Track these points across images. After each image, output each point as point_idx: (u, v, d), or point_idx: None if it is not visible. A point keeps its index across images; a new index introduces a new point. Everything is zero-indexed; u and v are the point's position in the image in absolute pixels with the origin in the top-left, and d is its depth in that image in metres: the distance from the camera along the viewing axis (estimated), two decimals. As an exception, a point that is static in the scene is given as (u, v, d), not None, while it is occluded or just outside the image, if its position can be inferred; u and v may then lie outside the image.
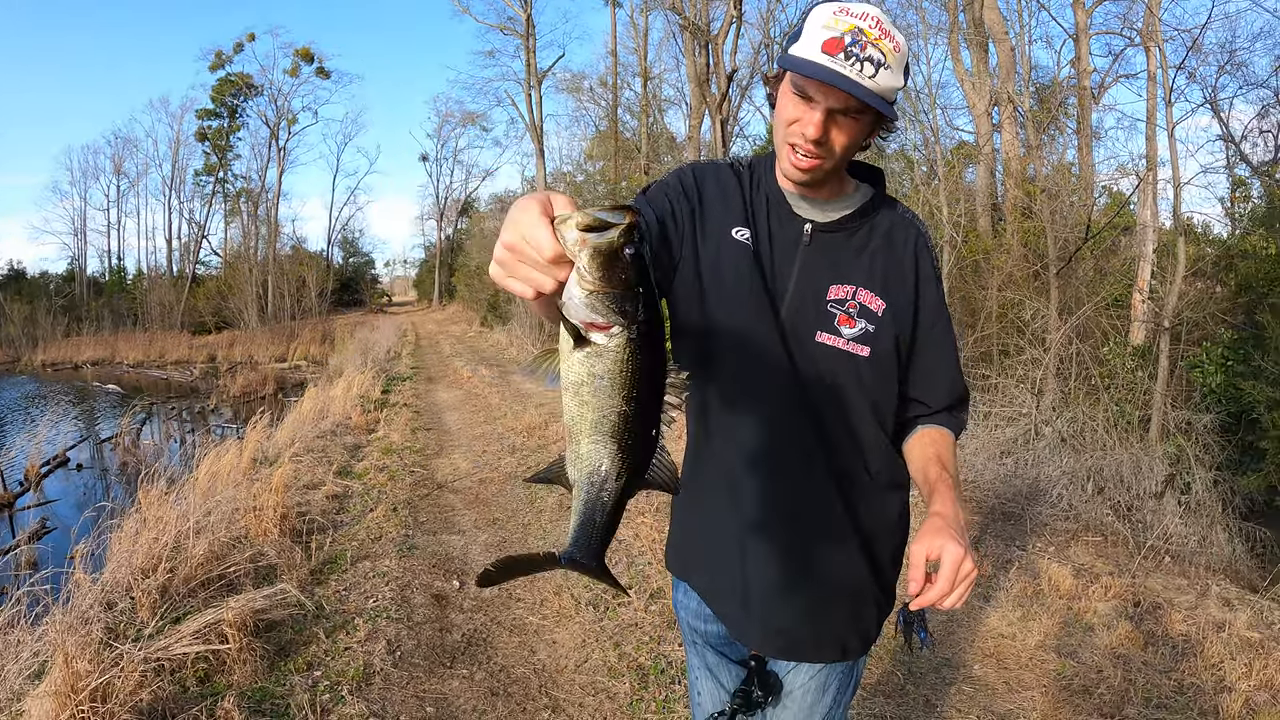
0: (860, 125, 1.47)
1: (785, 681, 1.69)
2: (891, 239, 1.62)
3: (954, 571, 1.28)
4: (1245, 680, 3.79)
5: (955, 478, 1.52)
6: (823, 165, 1.50)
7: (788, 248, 1.59)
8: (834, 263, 1.58)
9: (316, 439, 8.87)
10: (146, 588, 4.11)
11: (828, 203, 1.62)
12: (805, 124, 1.46)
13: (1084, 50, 14.37)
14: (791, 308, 1.56)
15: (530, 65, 27.81)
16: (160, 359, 34.32)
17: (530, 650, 4.11)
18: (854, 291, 1.56)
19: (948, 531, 1.32)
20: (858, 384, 1.56)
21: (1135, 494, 6.78)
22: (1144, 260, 10.40)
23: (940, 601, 1.29)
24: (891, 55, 1.41)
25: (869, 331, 1.55)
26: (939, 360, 1.64)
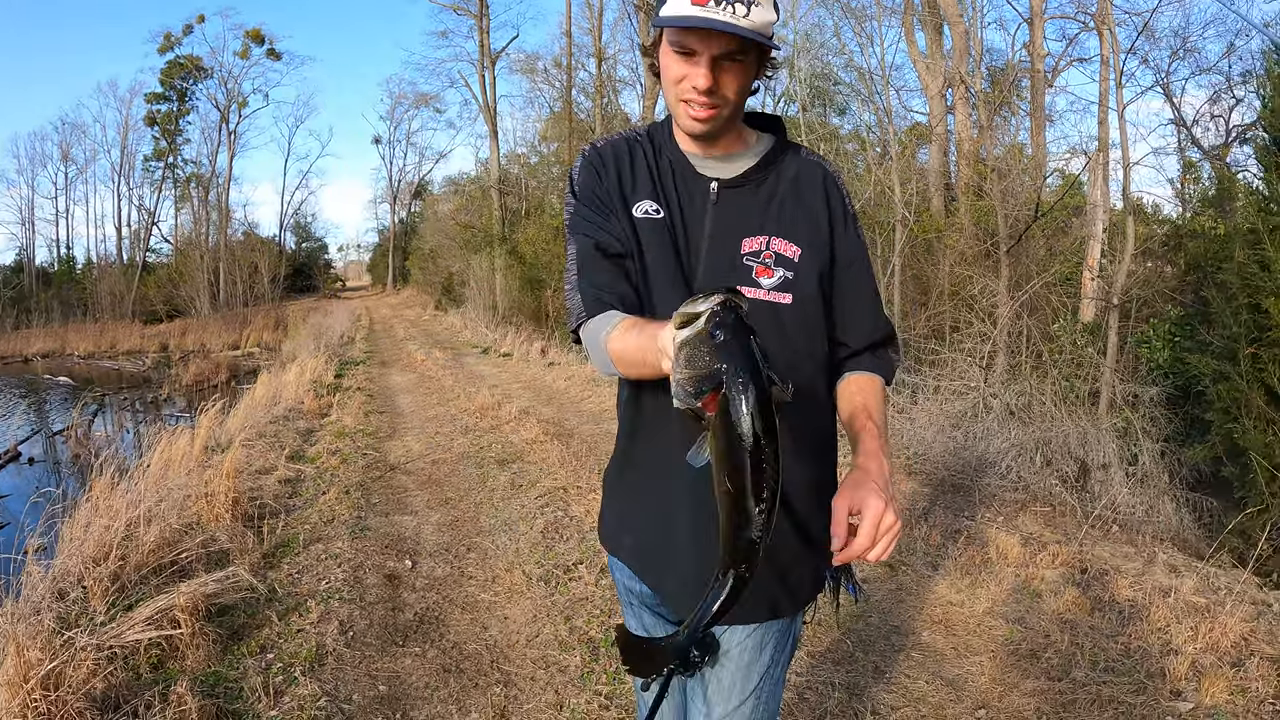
0: (746, 67, 1.46)
1: (722, 641, 1.65)
2: (799, 183, 1.60)
3: (874, 526, 1.26)
4: (1191, 644, 3.85)
5: (881, 427, 1.50)
6: (720, 113, 1.49)
7: (697, 210, 1.58)
8: (744, 216, 1.57)
9: (269, 424, 8.77)
10: (98, 576, 4.05)
11: (730, 158, 1.61)
12: (694, 76, 1.45)
13: (1038, 34, 14.50)
14: (708, 268, 1.55)
15: (484, 46, 27.54)
16: (111, 349, 33.74)
17: (482, 627, 4.10)
18: (767, 241, 1.54)
19: (869, 484, 1.31)
20: (781, 334, 1.54)
21: (1083, 465, 6.88)
22: (1094, 239, 10.54)
23: (863, 556, 1.27)
24: None
25: (788, 279, 1.54)
26: (858, 299, 1.62)
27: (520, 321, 20.17)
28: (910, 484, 6.37)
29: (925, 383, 8.55)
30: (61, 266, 48.12)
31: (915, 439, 7.32)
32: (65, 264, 48.42)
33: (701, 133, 1.53)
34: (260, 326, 32.46)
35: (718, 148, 1.60)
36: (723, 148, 1.60)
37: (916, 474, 6.62)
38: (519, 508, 5.93)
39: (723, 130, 1.56)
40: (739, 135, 1.62)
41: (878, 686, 3.57)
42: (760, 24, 1.40)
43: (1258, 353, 6.83)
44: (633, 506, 1.72)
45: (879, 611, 4.22)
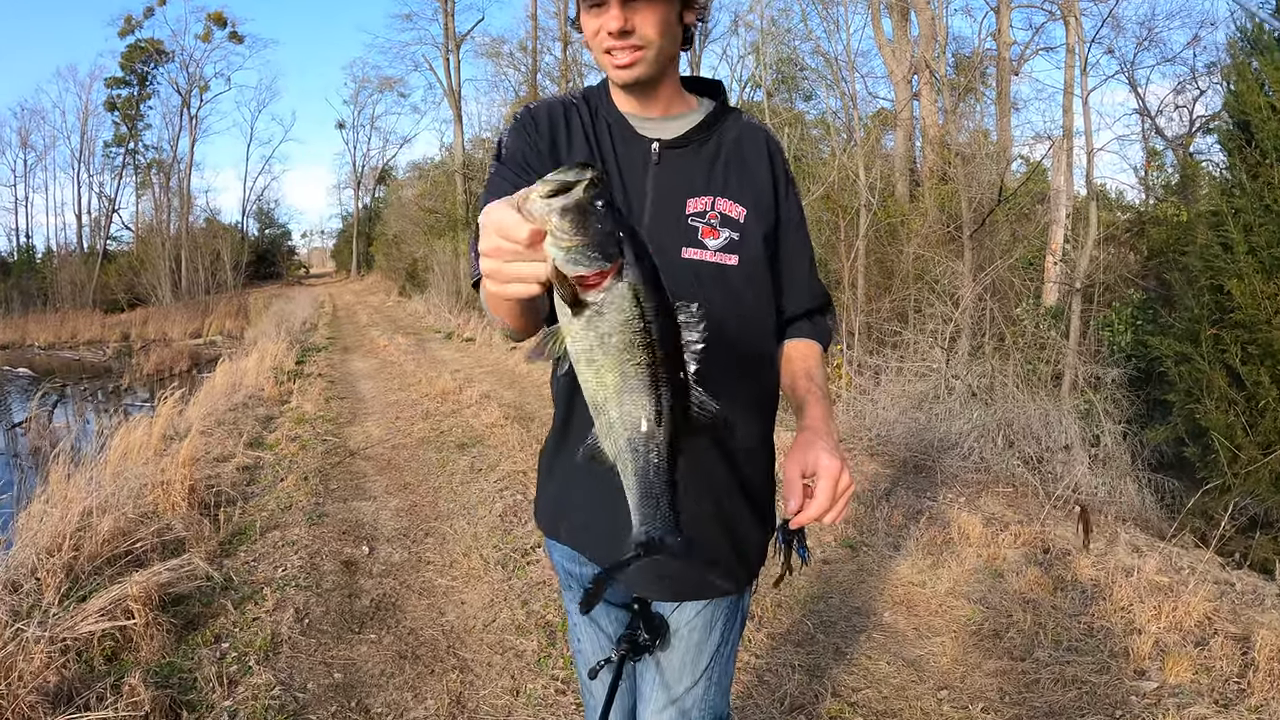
0: (660, 5, 1.40)
1: (670, 621, 1.61)
2: (741, 145, 1.56)
3: (832, 486, 1.24)
4: (1155, 623, 3.86)
5: (824, 390, 1.49)
6: (644, 55, 1.43)
7: (637, 170, 1.52)
8: (687, 177, 1.52)
9: (228, 412, 8.65)
10: (51, 567, 3.97)
11: (670, 119, 1.56)
12: (606, 20, 1.40)
13: (1005, 22, 14.59)
14: (651, 229, 1.48)
15: (449, 29, 27.38)
16: (72, 339, 33.28)
17: (439, 612, 4.05)
18: (712, 202, 1.50)
19: (820, 444, 1.28)
20: (729, 295, 1.49)
21: (1045, 446, 6.91)
22: (1056, 225, 10.59)
23: (821, 517, 1.24)
24: None
25: (734, 240, 1.49)
26: (798, 264, 1.60)
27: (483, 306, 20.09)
28: (872, 465, 6.37)
29: (888, 364, 8.57)
30: (21, 256, 47.32)
31: (878, 420, 7.33)
32: (25, 253, 47.62)
33: (630, 80, 1.47)
34: (222, 314, 32.14)
35: (657, 106, 1.55)
36: (662, 107, 1.55)
37: (879, 455, 6.62)
38: (478, 492, 5.88)
39: (658, 80, 1.51)
40: (679, 95, 1.58)
41: (839, 668, 3.55)
42: None
43: (1219, 334, 6.88)
44: (570, 485, 1.64)
45: (840, 592, 4.20)
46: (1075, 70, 11.15)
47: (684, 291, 1.43)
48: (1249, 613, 4.06)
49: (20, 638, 3.25)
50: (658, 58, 1.45)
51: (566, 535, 1.67)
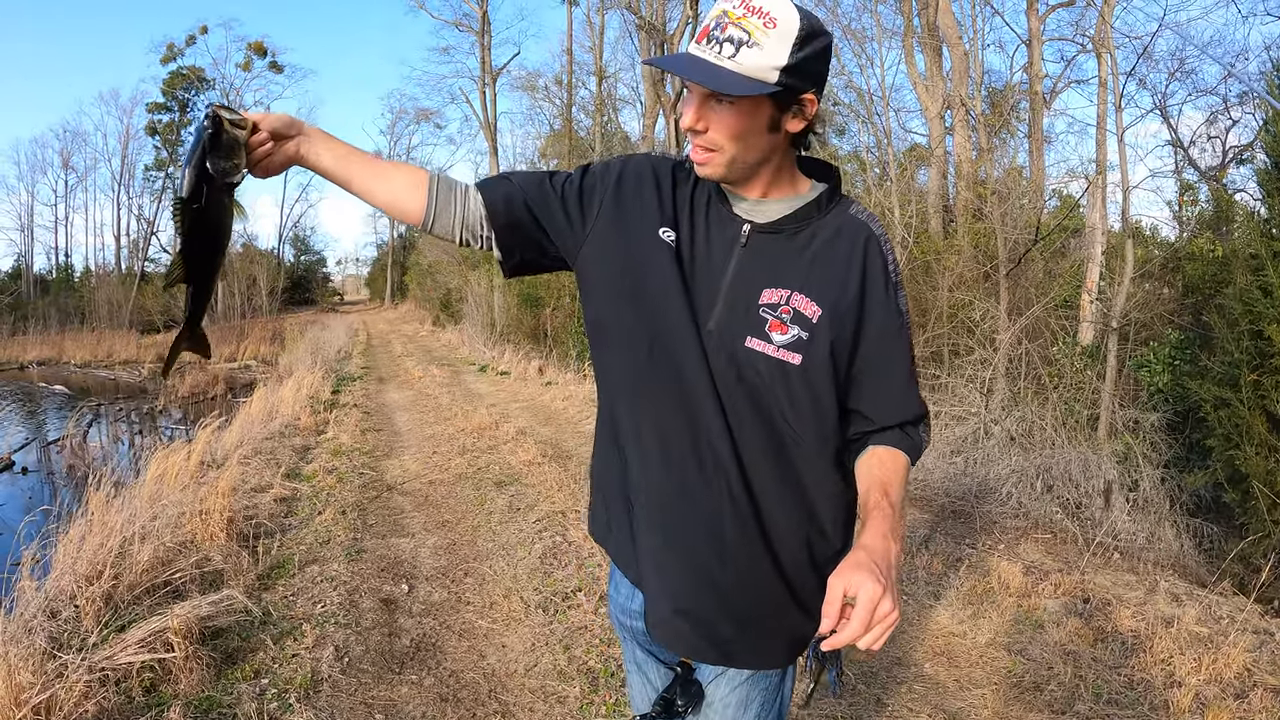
0: (741, 111, 1.38)
1: (707, 692, 1.61)
2: (836, 241, 1.49)
3: (869, 612, 1.17)
4: (1195, 675, 3.82)
5: (897, 507, 1.40)
6: (715, 158, 1.42)
7: (724, 249, 1.50)
8: (771, 265, 1.48)
9: (265, 440, 8.72)
10: (90, 595, 4.00)
11: (770, 202, 1.52)
12: (684, 113, 1.41)
13: (1036, 55, 14.55)
14: (722, 311, 1.47)
15: (485, 62, 27.69)
16: (108, 359, 33.71)
17: (480, 655, 4.05)
18: (788, 296, 1.45)
19: (869, 567, 1.22)
20: (788, 392, 1.46)
21: (1084, 491, 6.85)
22: (1092, 262, 10.54)
23: (854, 642, 1.19)
24: (759, 31, 1.31)
25: (802, 339, 1.44)
26: (889, 374, 1.52)
27: (518, 340, 20.11)
28: (911, 511, 6.33)
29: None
30: (60, 274, 48.19)
31: (916, 465, 7.29)
32: (63, 272, 48.48)
33: (703, 176, 1.47)
34: (257, 339, 32.39)
35: (753, 189, 1.51)
36: (760, 190, 1.51)
37: (917, 501, 6.59)
38: (517, 531, 5.88)
39: (740, 180, 1.49)
40: (782, 179, 1.52)
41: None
42: (750, 67, 1.32)
43: (1260, 379, 6.81)
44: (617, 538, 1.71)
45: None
46: (1109, 105, 11.12)
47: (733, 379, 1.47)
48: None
49: (61, 666, 3.29)
50: (732, 164, 1.43)
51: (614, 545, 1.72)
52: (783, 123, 1.42)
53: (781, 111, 1.41)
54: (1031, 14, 14.51)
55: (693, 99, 1.40)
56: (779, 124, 1.42)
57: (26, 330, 39.14)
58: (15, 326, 39.31)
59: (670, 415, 1.51)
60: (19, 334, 38.49)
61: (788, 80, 1.34)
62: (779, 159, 1.49)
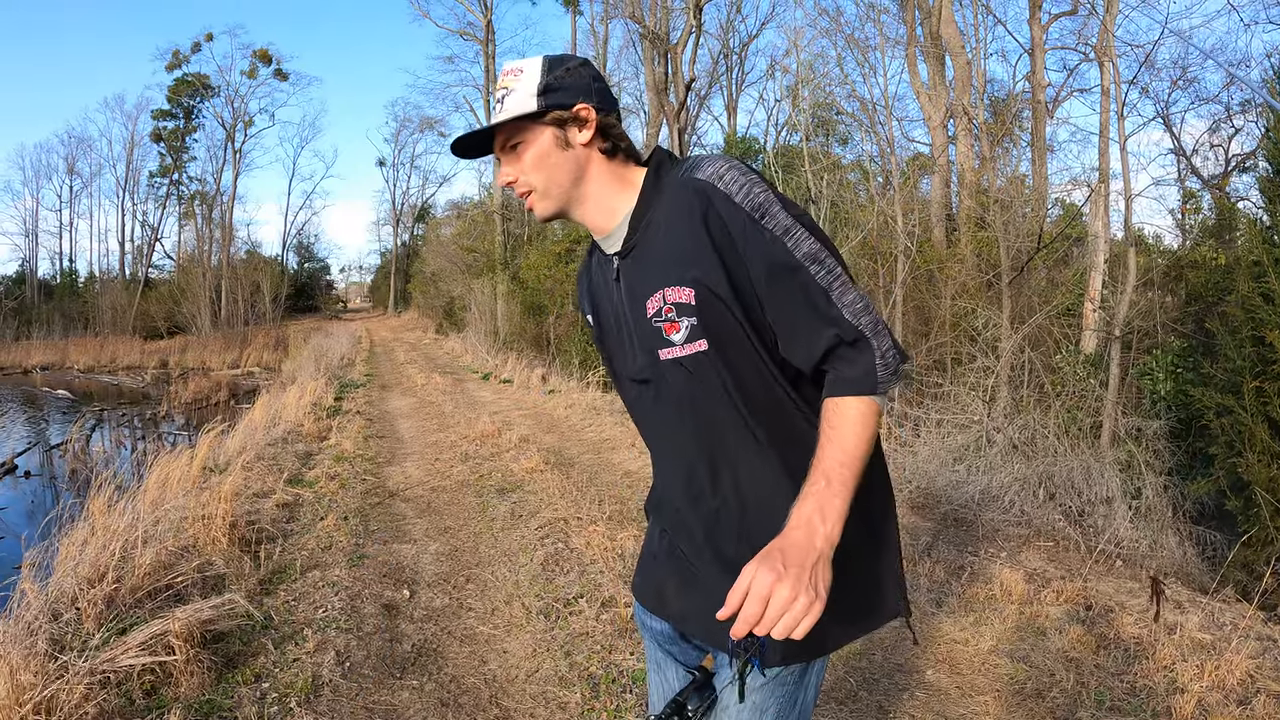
0: (528, 145, 1.54)
1: (723, 696, 1.61)
2: (671, 218, 1.48)
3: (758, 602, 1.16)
4: (1198, 681, 3.81)
5: (830, 474, 1.33)
6: (534, 196, 1.57)
7: (614, 292, 1.61)
8: (640, 280, 1.52)
9: (268, 446, 8.73)
10: (92, 598, 4.01)
11: (620, 226, 1.58)
12: (499, 180, 1.63)
13: (1039, 65, 14.59)
14: (637, 343, 1.57)
15: (489, 71, 27.76)
16: (111, 364, 33.90)
17: (481, 660, 4.06)
18: (662, 296, 1.47)
19: (770, 556, 1.20)
20: (717, 377, 1.48)
21: (1086, 499, 6.85)
22: (1095, 270, 10.55)
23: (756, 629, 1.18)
24: (512, 80, 1.53)
25: (693, 325, 1.45)
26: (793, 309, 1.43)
27: (521, 348, 20.15)
28: (913, 518, 6.33)
29: (928, 416, 8.53)
30: (64, 279, 48.39)
31: (918, 473, 7.29)
32: (67, 277, 48.69)
33: (542, 217, 1.61)
34: (261, 346, 32.54)
35: (599, 224, 1.61)
36: (604, 221, 1.59)
37: (919, 508, 6.58)
38: (519, 538, 5.88)
39: (575, 207, 1.60)
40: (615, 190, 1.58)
41: (881, 727, 3.53)
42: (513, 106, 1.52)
43: (1262, 386, 6.82)
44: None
45: (882, 649, 4.18)
46: (1111, 113, 11.14)
47: (676, 392, 1.54)
48: (1293, 670, 4.02)
49: (62, 668, 3.30)
50: (548, 192, 1.56)
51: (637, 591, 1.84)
52: (569, 138, 1.54)
53: (562, 128, 1.54)
54: (1034, 23, 14.55)
55: (499, 167, 1.60)
56: (566, 140, 1.54)
57: (30, 335, 39.38)
58: (19, 331, 39.57)
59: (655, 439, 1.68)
60: (23, 339, 38.75)
61: (547, 101, 1.51)
62: (599, 172, 1.57)
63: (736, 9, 27.28)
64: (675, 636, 1.75)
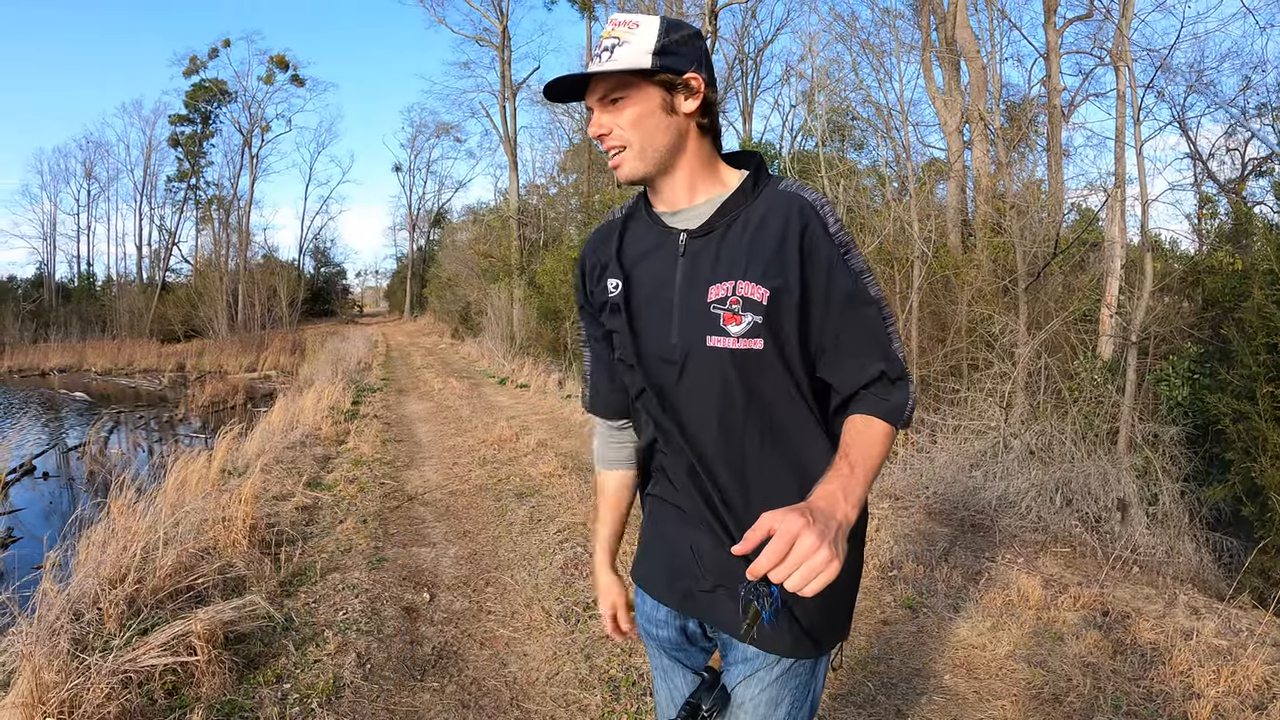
0: (632, 101, 1.51)
1: (736, 693, 1.65)
2: (768, 220, 1.53)
3: (784, 543, 1.15)
4: (1214, 687, 3.82)
5: (857, 465, 1.40)
6: (626, 156, 1.54)
7: (669, 264, 1.59)
8: (711, 263, 1.54)
9: (286, 450, 8.79)
10: (114, 598, 4.07)
11: (699, 206, 1.60)
12: (590, 130, 1.54)
13: (1054, 69, 14.54)
14: (680, 321, 1.55)
15: (505, 77, 27.77)
16: (128, 367, 34.11)
17: (501, 663, 4.09)
18: (733, 286, 1.50)
19: (800, 509, 1.21)
20: (760, 378, 1.52)
21: (1103, 505, 6.84)
22: (1111, 276, 10.52)
23: (773, 575, 1.16)
24: (626, 31, 1.49)
25: (757, 324, 1.49)
26: (849, 338, 1.52)
27: (538, 353, 20.18)
28: (930, 524, 6.34)
29: (945, 422, 8.52)
30: (81, 282, 48.76)
31: (935, 479, 7.30)
32: (85, 280, 49.05)
33: (623, 180, 1.57)
34: (277, 349, 32.66)
35: (679, 197, 1.60)
36: (686, 196, 1.60)
37: (936, 514, 6.59)
38: (538, 542, 5.91)
39: (663, 174, 1.58)
40: (707, 178, 1.61)
41: (899, 731, 3.55)
42: (624, 57, 1.47)
43: (1276, 392, 6.82)
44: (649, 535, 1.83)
45: (900, 654, 4.20)
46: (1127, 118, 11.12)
47: (710, 380, 1.54)
48: (1308, 676, 4.02)
49: (85, 667, 3.34)
50: (644, 153, 1.54)
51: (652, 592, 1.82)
52: (675, 104, 1.53)
53: (670, 92, 1.52)
54: (1049, 27, 14.51)
55: (594, 116, 1.54)
56: (672, 105, 1.53)
57: (48, 338, 39.68)
58: (37, 334, 39.87)
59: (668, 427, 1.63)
60: (40, 341, 39.04)
61: (662, 61, 1.48)
62: (694, 148, 1.58)
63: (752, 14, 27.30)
64: (681, 642, 1.78)
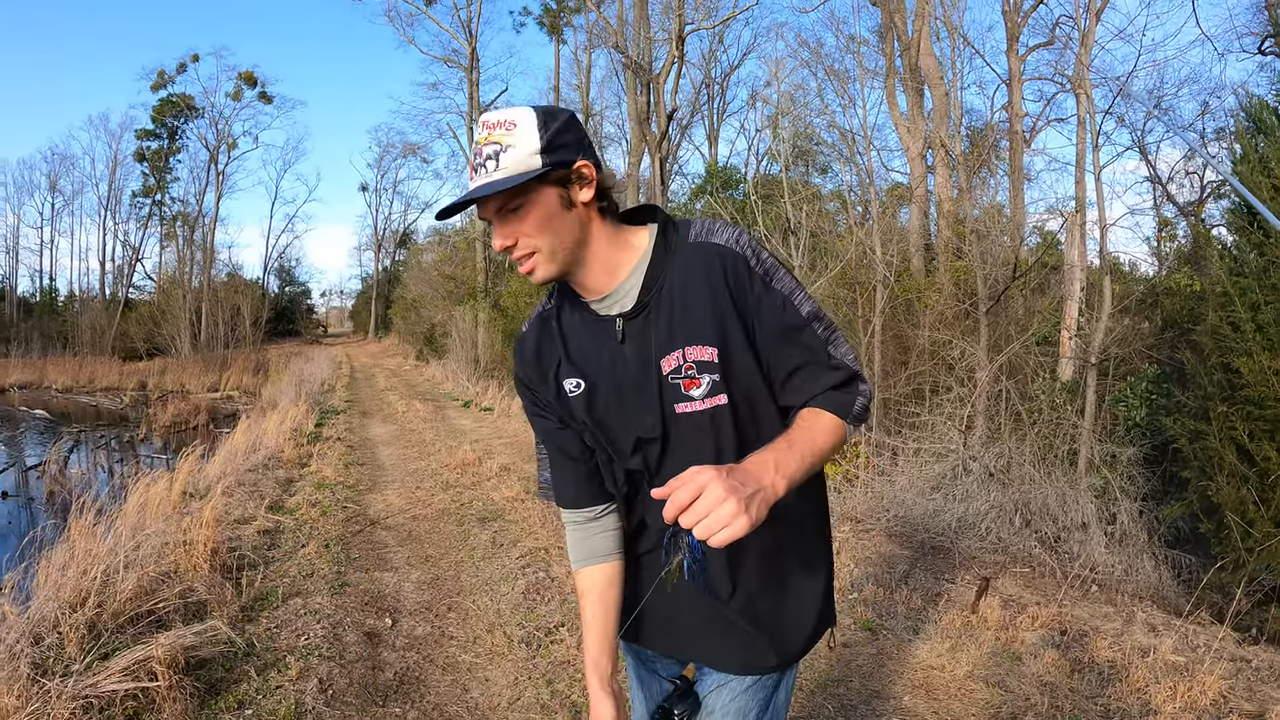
0: (533, 205, 1.49)
1: (707, 701, 1.71)
2: (690, 277, 1.55)
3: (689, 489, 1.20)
4: (1170, 703, 3.87)
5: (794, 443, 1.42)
6: (537, 257, 1.52)
7: (615, 353, 1.60)
8: (654, 339, 1.56)
9: (248, 472, 8.72)
10: (74, 622, 4.01)
11: (622, 285, 1.60)
12: (495, 244, 1.53)
13: (1016, 95, 14.82)
14: (648, 400, 1.57)
15: (473, 98, 27.80)
16: (90, 385, 33.59)
17: (463, 689, 4.08)
18: (683, 354, 1.53)
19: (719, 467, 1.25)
20: (734, 428, 1.57)
21: (1062, 525, 6.93)
22: (1071, 299, 10.68)
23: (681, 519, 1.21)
24: (505, 135, 1.46)
25: (715, 381, 1.53)
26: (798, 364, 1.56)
27: (502, 376, 20.12)
28: (890, 546, 6.39)
29: (906, 445, 8.59)
30: (43, 297, 48.10)
31: (895, 501, 7.36)
32: (47, 295, 48.37)
33: (543, 280, 1.55)
34: (240, 369, 32.29)
35: (600, 283, 1.59)
36: (605, 280, 1.59)
37: (896, 536, 6.65)
38: (500, 567, 5.89)
39: (577, 268, 1.58)
40: (617, 251, 1.60)
41: (859, 753, 3.57)
42: (513, 163, 1.44)
43: (1230, 412, 6.94)
44: None
45: (859, 676, 4.23)
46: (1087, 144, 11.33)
47: (691, 443, 1.58)
48: (1264, 689, 4.09)
49: (45, 692, 3.31)
50: (554, 255, 1.52)
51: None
52: (573, 197, 1.52)
53: (565, 187, 1.51)
54: (1012, 54, 14.80)
55: (495, 229, 1.52)
56: (570, 200, 1.52)
57: (8, 353, 39.08)
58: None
59: None
60: (1, 357, 38.32)
61: (551, 159, 1.46)
62: (599, 232, 1.58)
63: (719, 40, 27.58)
64: (657, 655, 1.83)
